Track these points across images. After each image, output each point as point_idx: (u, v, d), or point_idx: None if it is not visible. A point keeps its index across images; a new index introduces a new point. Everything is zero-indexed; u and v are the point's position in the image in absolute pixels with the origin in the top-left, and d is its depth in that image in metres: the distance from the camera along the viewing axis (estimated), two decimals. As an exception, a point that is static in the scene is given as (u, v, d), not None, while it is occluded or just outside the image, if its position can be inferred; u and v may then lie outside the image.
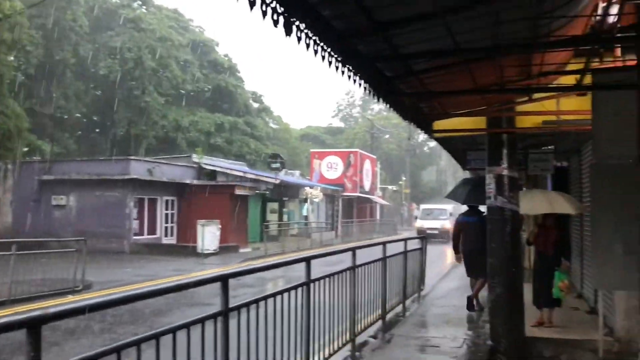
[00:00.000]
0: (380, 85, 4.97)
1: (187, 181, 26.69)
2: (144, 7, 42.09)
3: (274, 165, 29.92)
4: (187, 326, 3.52)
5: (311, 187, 34.93)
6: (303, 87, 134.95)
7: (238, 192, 26.14)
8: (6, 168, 24.67)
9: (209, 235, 21.71)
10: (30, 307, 10.58)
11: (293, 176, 39.97)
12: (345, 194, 41.90)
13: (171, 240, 26.10)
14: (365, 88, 4.66)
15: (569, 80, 6.02)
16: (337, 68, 3.95)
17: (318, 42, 3.55)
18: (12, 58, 27.28)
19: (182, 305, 10.79)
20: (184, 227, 25.79)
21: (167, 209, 26.19)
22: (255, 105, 52.67)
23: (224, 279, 3.96)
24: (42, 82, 33.36)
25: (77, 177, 23.97)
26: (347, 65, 4.11)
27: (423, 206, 42.10)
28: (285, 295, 4.99)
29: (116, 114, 37.77)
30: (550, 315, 8.34)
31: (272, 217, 31.54)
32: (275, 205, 32.30)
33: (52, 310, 2.48)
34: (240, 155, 43.58)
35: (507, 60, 4.94)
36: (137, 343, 3.04)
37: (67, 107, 35.69)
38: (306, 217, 35.08)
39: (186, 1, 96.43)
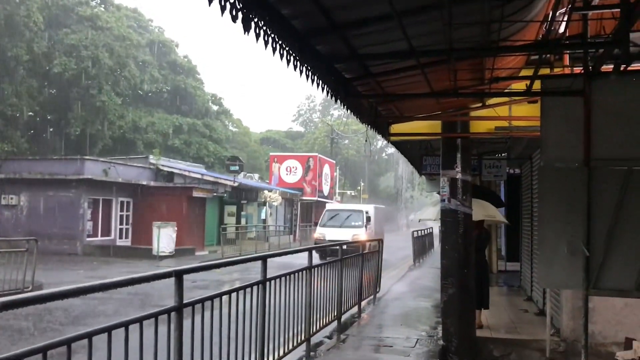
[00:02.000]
0: (339, 86, 5.03)
1: (144, 182, 26.26)
2: (103, 5, 41.27)
3: (232, 168, 29.75)
4: (140, 320, 3.50)
5: (270, 190, 34.85)
6: (263, 90, 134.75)
7: (195, 194, 25.88)
8: (-47, 166, 23.80)
9: (164, 238, 21.42)
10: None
11: (252, 179, 39.80)
12: (303, 198, 41.96)
13: (126, 242, 25.62)
14: (324, 89, 4.72)
15: (521, 86, 6.25)
16: (295, 67, 3.99)
17: (277, 39, 3.59)
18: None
19: (134, 308, 10.64)
20: (140, 229, 25.34)
21: (122, 210, 25.71)
22: (215, 107, 52.24)
23: (179, 274, 3.96)
24: (-7, 79, 32.29)
25: (29, 176, 23.30)
26: (306, 65, 4.16)
27: (329, 207, 27.92)
28: (241, 293, 5.00)
29: (71, 113, 36.85)
30: (479, 316, 8.53)
31: (230, 220, 31.32)
32: (233, 209, 32.10)
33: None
34: (198, 158, 43.13)
35: (461, 65, 5.08)
36: (88, 335, 3.01)
37: (19, 105, 34.58)
38: (264, 221, 34.96)
39: (146, 1, 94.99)
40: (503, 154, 11.79)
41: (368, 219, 24.28)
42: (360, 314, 9.75)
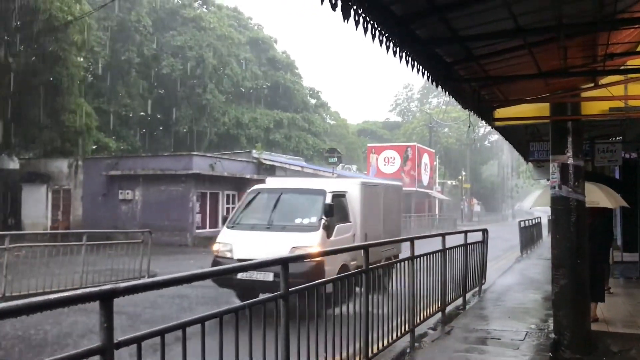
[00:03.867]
0: (439, 71, 4.91)
1: (247, 176, 27.15)
2: (205, 6, 43.03)
3: (331, 160, 30.00)
4: (250, 306, 3.62)
5: (369, 181, 34.81)
6: (360, 82, 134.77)
7: (296, 186, 26.32)
8: (77, 164, 25.82)
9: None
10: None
11: (350, 171, 39.95)
12: (403, 188, 41.56)
13: (232, 233, 26.59)
14: (424, 74, 4.62)
15: (638, 63, 5.78)
16: (394, 53, 3.94)
17: (376, 26, 3.55)
18: (81, 59, 28.50)
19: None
20: (244, 221, 26.19)
21: (228, 203, 26.72)
22: (313, 101, 52.96)
23: (284, 262, 4.04)
24: (108, 82, 34.72)
25: (143, 172, 24.76)
26: (405, 50, 4.09)
27: (258, 186, 12.00)
28: (346, 281, 5.03)
29: (178, 112, 38.83)
30: (594, 309, 7.98)
31: (330, 212, 31.56)
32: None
33: (122, 285, 2.61)
34: (298, 151, 43.97)
35: (572, 43, 4.78)
36: (201, 320, 3.15)
37: (132, 106, 36.97)
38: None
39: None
40: (618, 137, 11.01)
41: (330, 210, 9.94)
42: (465, 306, 9.52)
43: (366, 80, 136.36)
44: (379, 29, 3.62)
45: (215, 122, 40.16)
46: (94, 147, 30.97)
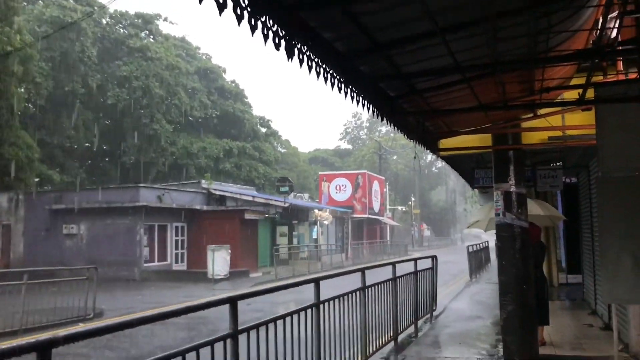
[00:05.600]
0: (384, 105, 5.01)
1: (197, 207, 26.77)
2: (152, 36, 42.70)
3: (282, 189, 29.99)
4: (196, 348, 3.53)
5: (320, 209, 34.92)
6: (310, 110, 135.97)
7: (247, 216, 26.17)
8: (17, 198, 24.89)
9: (219, 260, 21.71)
10: (41, 335, 10.58)
11: (302, 199, 39.99)
12: (354, 215, 41.86)
13: (182, 266, 26.10)
14: (369, 109, 4.70)
15: (573, 95, 6.05)
16: (339, 89, 3.99)
17: (320, 63, 3.60)
18: (22, 90, 27.72)
19: (192, 332, 10.75)
20: (195, 253, 25.79)
21: (177, 235, 26.24)
22: (263, 130, 52.94)
23: (232, 301, 3.98)
24: (51, 113, 33.80)
25: (87, 205, 24.10)
26: (350, 86, 4.16)
27: None
28: (295, 317, 4.98)
29: (125, 143, 38.10)
30: (541, 332, 8.16)
31: (282, 241, 31.49)
32: (284, 229, 32.28)
33: (62, 334, 2.51)
34: (249, 180, 43.72)
35: (509, 77, 4.98)
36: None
37: (77, 137, 36.07)
38: (316, 240, 35.01)
39: (193, 29, 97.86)
40: (558, 163, 11.43)
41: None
42: (417, 334, 9.57)
43: (316, 109, 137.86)
44: (323, 65, 3.67)
45: (163, 152, 39.56)
46: (37, 180, 29.95)
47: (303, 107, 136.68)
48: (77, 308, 12.46)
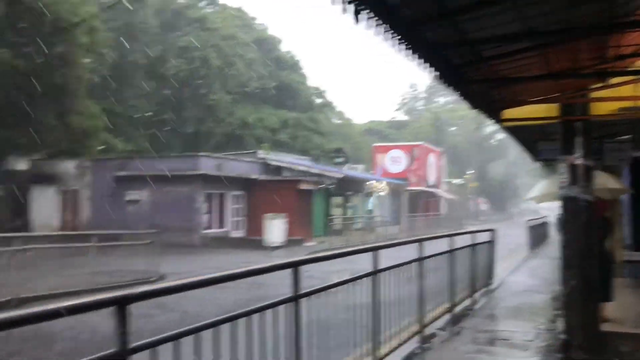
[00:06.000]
0: (450, 73, 4.92)
1: (254, 176, 27.21)
2: (210, 6, 43.08)
3: (337, 160, 30.04)
4: (261, 310, 3.64)
5: (375, 181, 34.82)
6: (365, 82, 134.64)
7: (303, 186, 26.42)
8: (84, 165, 25.93)
9: (275, 229, 22.09)
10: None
11: (356, 170, 39.93)
12: (409, 187, 41.53)
13: (239, 233, 26.69)
14: (433, 77, 4.63)
15: (649, 63, 5.76)
16: (407, 56, 3.95)
17: (387, 29, 3.56)
18: (88, 61, 28.59)
19: (253, 297, 11.01)
20: (251, 221, 26.33)
21: (235, 204, 26.80)
22: (318, 101, 52.95)
23: (295, 266, 4.05)
24: (115, 83, 34.79)
25: (149, 173, 24.83)
26: (416, 53, 4.10)
27: None
28: (353, 284, 5.03)
29: (185, 112, 38.91)
30: (604, 309, 7.90)
31: (336, 212, 31.65)
32: (339, 200, 32.41)
33: (138, 290, 2.63)
34: (304, 151, 43.94)
35: (582, 44, 4.77)
36: (216, 324, 3.16)
37: (139, 106, 37.10)
38: (370, 212, 35.01)
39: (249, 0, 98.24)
40: (627, 136, 10.94)
41: None
42: (473, 306, 9.51)
43: (371, 80, 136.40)
44: (390, 31, 3.63)
45: (221, 123, 40.23)
46: (102, 148, 31.07)
47: (358, 78, 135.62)
48: (141, 271, 12.98)
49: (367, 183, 33.96)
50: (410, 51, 3.99)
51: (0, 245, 11.76)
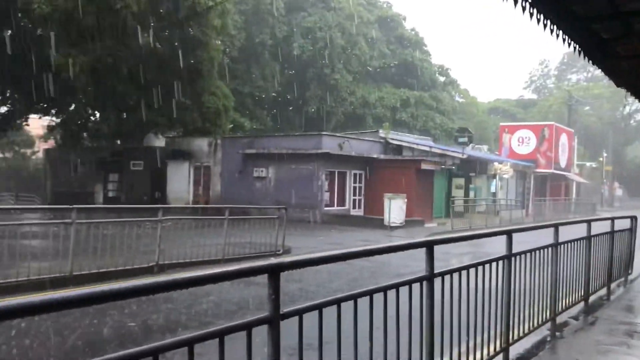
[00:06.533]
0: (595, 48, 4.64)
1: (374, 155, 27.30)
2: (333, -15, 43.39)
3: (461, 140, 29.24)
4: (396, 286, 3.71)
5: (500, 162, 33.54)
6: (492, 58, 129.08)
7: (424, 166, 26.10)
8: (216, 142, 27.46)
9: (395, 209, 22.07)
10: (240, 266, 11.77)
11: (480, 151, 38.68)
12: (537, 170, 39.52)
13: (358, 212, 27.00)
14: (579, 52, 4.40)
15: None
16: (551, 31, 3.79)
17: (532, 3, 3.45)
18: (219, 42, 30.04)
19: (379, 276, 11.16)
20: (371, 200, 26.51)
21: (355, 182, 27.09)
22: (442, 79, 51.74)
23: (430, 245, 4.07)
24: (243, 64, 36.30)
25: (275, 151, 25.78)
26: (561, 27, 3.92)
27: None
28: (487, 266, 4.95)
29: (308, 92, 39.74)
30: None
31: (458, 193, 30.94)
32: (461, 181, 31.64)
33: (287, 259, 2.80)
34: (424, 130, 43.32)
35: None
36: (354, 297, 3.28)
37: (264, 87, 38.45)
38: (494, 194, 33.84)
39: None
40: None
41: None
42: (609, 297, 8.96)
43: (498, 57, 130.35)
44: (536, 4, 3.51)
45: (342, 102, 40.67)
46: (230, 126, 32.69)
47: (484, 55, 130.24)
48: (269, 244, 13.59)
49: (492, 164, 32.80)
50: (555, 25, 3.83)
51: (143, 216, 12.87)
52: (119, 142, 31.48)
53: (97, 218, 11.36)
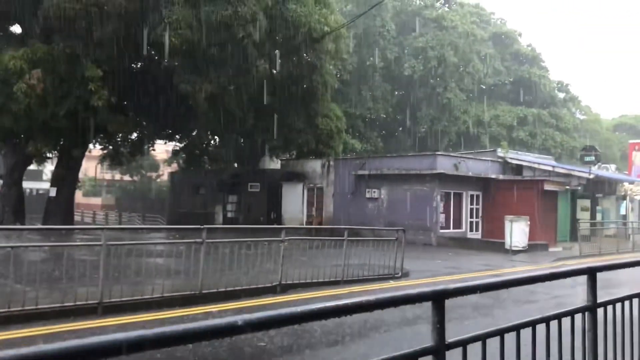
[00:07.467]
0: None
1: (492, 176, 26.29)
2: (446, 5, 42.89)
3: (587, 159, 27.46)
4: (558, 317, 3.41)
5: (631, 182, 31.07)
6: (615, 73, 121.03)
7: (547, 187, 24.73)
8: (328, 164, 27.80)
9: (517, 232, 21.01)
10: (361, 288, 11.68)
11: (608, 170, 36.10)
12: (673, 191, 36.17)
13: (476, 235, 26.04)
14: None
15: None
16: None
17: None
18: (331, 67, 30.60)
19: (521, 305, 10.60)
20: (489, 223, 25.48)
21: (471, 204, 26.21)
22: (561, 95, 49.22)
23: (592, 272, 3.72)
24: (354, 86, 36.64)
25: (388, 172, 25.59)
26: None
27: None
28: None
29: (419, 112, 39.30)
30: None
31: (583, 215, 28.97)
32: (587, 203, 29.63)
33: (452, 286, 2.63)
34: (544, 149, 41.26)
35: None
36: (518, 328, 3.04)
37: (375, 108, 38.53)
38: (624, 217, 31.35)
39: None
40: None
41: None
42: None
43: (622, 71, 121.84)
44: None
45: (455, 121, 39.80)
46: (342, 148, 33.01)
47: (606, 69, 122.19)
48: (387, 267, 13.38)
49: (621, 184, 30.46)
50: None
51: (263, 236, 13.16)
52: (236, 165, 32.81)
53: (220, 238, 11.75)
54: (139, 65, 26.24)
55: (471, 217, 26.21)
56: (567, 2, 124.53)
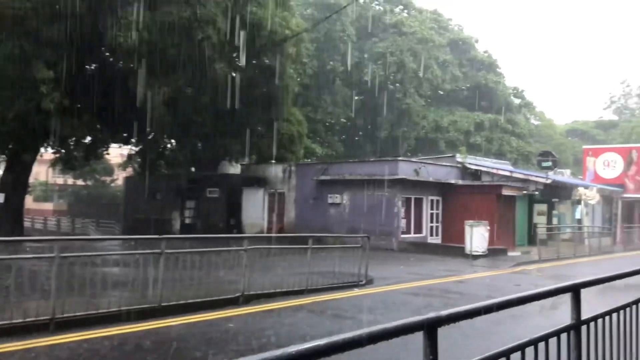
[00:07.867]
0: None
1: (452, 181, 26.48)
2: (406, 11, 43.22)
3: (544, 164, 27.96)
4: (545, 338, 3.22)
5: (586, 187, 31.84)
6: (568, 79, 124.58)
7: (505, 192, 25.04)
8: (290, 169, 27.50)
9: (477, 237, 21.18)
10: (326, 297, 11.44)
11: (563, 175, 36.95)
12: (625, 195, 37.27)
13: (436, 239, 26.15)
14: None
15: None
16: None
17: None
18: (292, 71, 30.34)
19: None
20: (449, 227, 25.61)
21: (432, 209, 26.32)
22: (517, 101, 50.28)
23: (575, 289, 3.57)
24: (314, 91, 36.49)
25: (350, 177, 25.47)
26: None
27: None
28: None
29: (379, 118, 39.45)
30: None
31: (540, 220, 29.51)
32: (543, 207, 30.20)
33: (444, 312, 2.41)
34: (500, 154, 42.01)
35: None
36: (505, 354, 2.83)
37: (336, 113, 38.48)
38: (579, 221, 32.09)
39: (444, 1, 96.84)
40: None
41: None
42: None
43: (574, 78, 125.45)
44: None
45: (414, 127, 40.11)
46: (303, 152, 32.76)
47: (559, 76, 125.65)
48: (351, 274, 13.18)
49: (576, 189, 31.18)
50: None
51: (223, 245, 12.78)
52: (194, 169, 32.14)
53: (179, 247, 11.31)
54: (93, 67, 25.40)
55: (431, 221, 26.32)
56: (522, 9, 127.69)
